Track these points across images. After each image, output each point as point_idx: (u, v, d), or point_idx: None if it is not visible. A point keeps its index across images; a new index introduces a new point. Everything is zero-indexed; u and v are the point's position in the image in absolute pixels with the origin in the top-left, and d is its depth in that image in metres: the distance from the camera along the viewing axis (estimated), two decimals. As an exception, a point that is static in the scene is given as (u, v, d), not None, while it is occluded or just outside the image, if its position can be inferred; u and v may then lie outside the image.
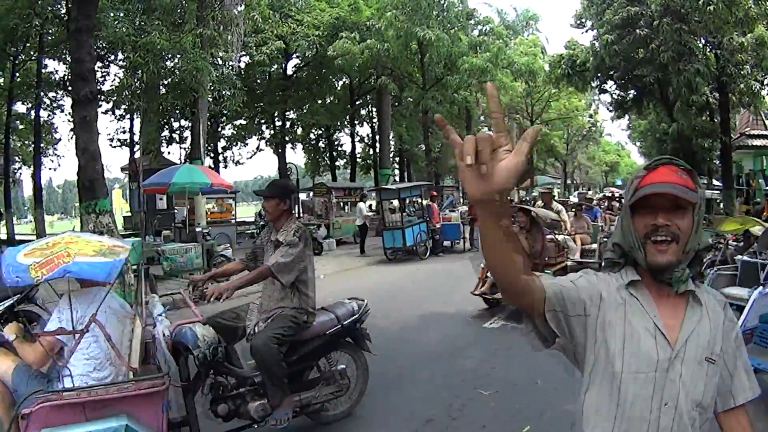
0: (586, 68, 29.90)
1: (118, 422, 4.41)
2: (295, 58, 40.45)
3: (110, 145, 39.41)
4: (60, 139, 40.38)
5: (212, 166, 40.88)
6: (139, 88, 25.74)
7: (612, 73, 30.01)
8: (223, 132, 45.16)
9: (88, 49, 13.50)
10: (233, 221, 29.88)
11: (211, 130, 37.57)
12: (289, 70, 41.80)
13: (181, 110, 33.68)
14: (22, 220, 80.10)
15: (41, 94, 31.78)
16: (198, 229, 19.65)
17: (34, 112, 32.69)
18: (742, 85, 26.13)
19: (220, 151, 45.24)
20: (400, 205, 24.87)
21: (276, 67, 39.80)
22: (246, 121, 44.11)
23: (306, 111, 42.06)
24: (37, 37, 28.14)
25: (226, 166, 46.30)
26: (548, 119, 57.12)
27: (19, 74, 30.97)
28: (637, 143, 65.80)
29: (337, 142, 50.77)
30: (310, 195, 38.10)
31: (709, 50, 26.76)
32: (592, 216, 22.17)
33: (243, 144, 47.19)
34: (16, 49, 28.73)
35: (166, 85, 28.35)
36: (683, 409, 2.12)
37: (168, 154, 38.44)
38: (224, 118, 41.38)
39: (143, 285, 8.03)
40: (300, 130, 47.20)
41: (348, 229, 29.82)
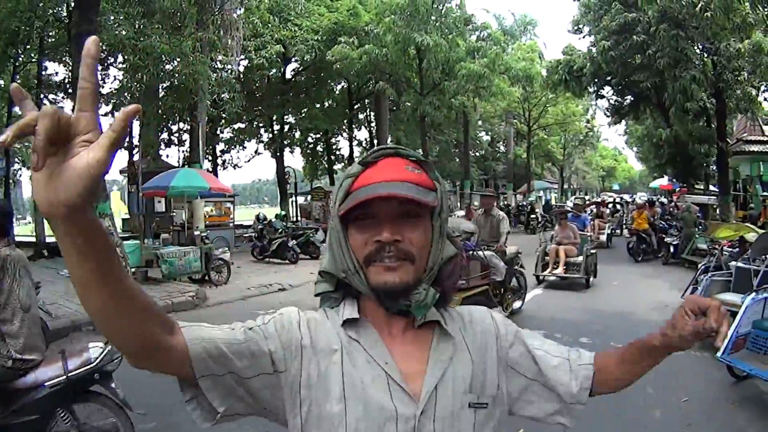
0: (583, 74, 29.96)
1: None
2: (294, 62, 40.44)
3: (110, 148, 39.41)
4: (60, 141, 40.48)
5: (210, 169, 40.88)
6: (139, 91, 25.80)
7: (609, 78, 30.13)
8: (222, 135, 45.13)
9: (89, 53, 13.57)
10: (231, 225, 29.95)
11: (210, 134, 37.56)
12: (288, 74, 41.85)
13: (180, 113, 33.73)
14: (22, 221, 79.94)
15: (42, 96, 31.87)
16: (196, 233, 19.69)
17: (34, 114, 32.77)
18: (738, 92, 26.14)
19: (218, 154, 45.23)
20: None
21: (275, 71, 39.80)
22: (245, 125, 44.18)
23: (304, 115, 42.02)
24: (38, 40, 28.23)
25: (224, 169, 46.30)
26: (545, 124, 57.22)
27: (19, 76, 31.05)
28: (634, 148, 65.89)
29: (335, 146, 50.69)
30: (308, 199, 38.18)
31: (706, 56, 26.79)
32: (580, 224, 20.87)
33: (241, 147, 47.07)
34: (17, 51, 28.80)
35: (166, 89, 28.44)
36: None
37: (167, 157, 38.41)
38: (223, 122, 41.33)
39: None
40: (298, 134, 47.24)
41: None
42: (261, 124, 44.71)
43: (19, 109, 1.14)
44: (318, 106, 42.78)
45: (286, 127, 44.75)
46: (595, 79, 30.50)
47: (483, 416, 1.66)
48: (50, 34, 28.38)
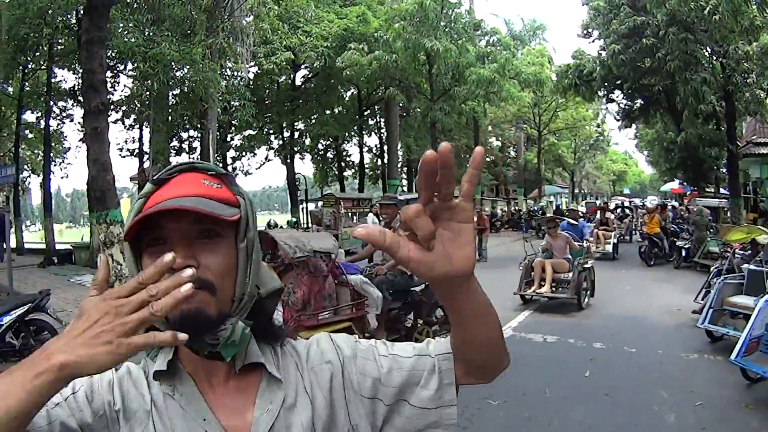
0: (593, 78, 29.97)
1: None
2: (303, 69, 40.55)
3: (119, 155, 39.56)
4: (69, 149, 40.65)
5: (221, 176, 40.91)
6: (149, 98, 25.89)
7: (619, 82, 30.07)
8: (232, 142, 45.18)
9: (99, 61, 13.69)
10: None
11: (220, 140, 37.62)
12: (298, 81, 41.97)
13: (190, 120, 33.82)
14: (31, 227, 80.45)
15: (51, 104, 31.99)
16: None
17: (43, 121, 32.92)
18: (748, 94, 26.14)
19: (229, 161, 45.24)
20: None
21: (285, 78, 39.90)
22: (255, 132, 44.17)
23: (314, 121, 42.09)
24: (47, 47, 28.35)
25: (235, 176, 46.18)
26: (556, 129, 57.14)
27: (28, 83, 31.20)
28: (645, 152, 65.62)
29: (345, 153, 50.71)
30: (319, 206, 38.20)
31: (715, 59, 26.81)
32: (577, 233, 17.88)
33: (252, 154, 47.16)
34: (26, 59, 28.93)
35: (176, 96, 28.51)
36: None
37: (177, 163, 38.57)
38: (233, 129, 41.43)
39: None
40: (308, 141, 47.15)
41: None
42: (271, 131, 44.72)
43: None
44: (328, 112, 42.83)
45: (297, 134, 44.78)
46: (605, 83, 30.48)
47: None
48: (60, 42, 28.42)
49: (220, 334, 1.32)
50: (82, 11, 19.73)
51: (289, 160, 42.64)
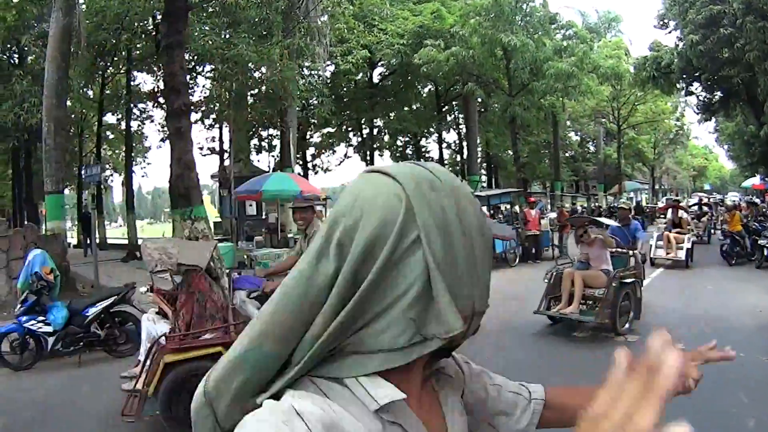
0: (671, 70, 29.65)
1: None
2: (380, 66, 40.82)
3: (200, 154, 40.32)
4: (150, 148, 41.73)
5: (302, 173, 41.41)
6: (228, 99, 26.33)
7: (698, 74, 29.63)
8: (312, 140, 45.74)
9: (180, 64, 14.01)
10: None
11: (300, 138, 38.03)
12: (375, 78, 42.29)
13: (269, 119, 34.27)
14: (113, 224, 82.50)
15: (131, 106, 32.81)
16: (290, 235, 20.06)
17: (124, 123, 33.82)
18: (831, 84, 25.58)
19: (309, 158, 45.71)
20: (490, 211, 24.81)
21: (362, 76, 40.13)
22: (334, 129, 44.52)
23: (393, 118, 42.35)
24: (126, 52, 29.05)
25: (315, 173, 46.75)
26: (635, 123, 56.40)
27: (108, 87, 32.05)
28: (725, 146, 64.51)
29: (424, 149, 50.77)
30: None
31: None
32: (629, 236, 13.55)
33: (331, 151, 47.63)
34: (105, 64, 29.70)
35: (255, 95, 28.92)
36: None
37: (257, 162, 39.06)
38: (312, 126, 41.80)
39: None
40: (387, 137, 47.45)
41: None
42: (350, 128, 45.17)
43: None
44: (406, 109, 42.92)
45: (375, 131, 45.15)
46: (684, 75, 30.10)
47: None
48: (138, 46, 29.15)
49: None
50: (160, 17, 20.24)
51: (368, 157, 42.94)
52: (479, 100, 38.49)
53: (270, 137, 39.80)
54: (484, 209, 24.60)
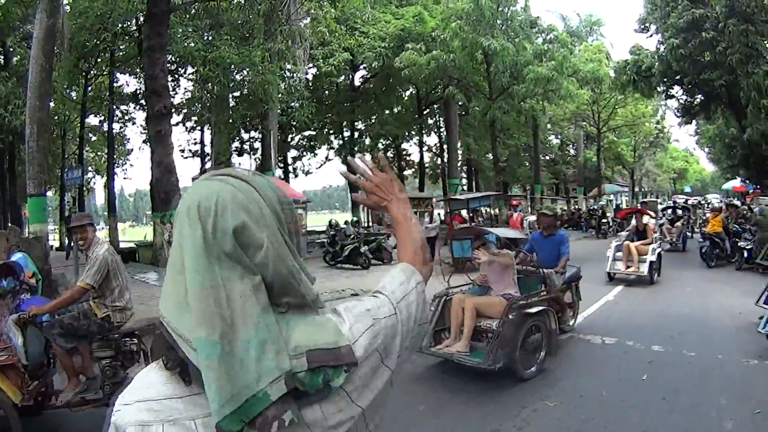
0: (651, 73, 29.71)
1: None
2: (362, 70, 40.82)
3: (181, 156, 40.23)
4: (132, 151, 41.51)
5: (282, 176, 41.34)
6: (209, 101, 26.22)
7: (678, 77, 29.71)
8: (293, 142, 45.64)
9: (161, 66, 13.93)
10: (304, 230, 30.14)
11: (281, 141, 37.96)
12: (357, 81, 42.30)
13: (251, 122, 34.19)
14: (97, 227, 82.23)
15: (113, 108, 32.64)
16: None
17: (106, 125, 33.67)
18: (814, 88, 25.64)
19: (290, 161, 45.63)
20: (470, 214, 24.79)
21: (343, 79, 40.17)
22: (315, 132, 44.42)
23: (374, 121, 42.42)
24: (108, 53, 28.90)
25: (296, 176, 46.71)
26: (615, 126, 56.55)
27: (91, 89, 31.85)
28: (706, 149, 64.83)
29: (405, 152, 51.03)
30: (380, 205, 38.20)
31: (777, 52, 26.43)
32: (550, 253, 11.07)
33: (313, 154, 47.64)
34: (89, 65, 29.56)
35: (236, 98, 28.82)
36: None
37: (239, 165, 38.90)
38: (293, 129, 41.72)
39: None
40: (368, 140, 47.37)
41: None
42: (331, 131, 45.20)
43: None
44: (387, 112, 43.10)
45: (356, 134, 45.06)
46: (665, 79, 30.14)
47: None
48: (121, 48, 29.02)
49: None
50: (143, 19, 20.12)
51: (349, 160, 42.69)
52: (460, 104, 38.68)
53: (251, 140, 39.79)
54: (464, 213, 24.70)
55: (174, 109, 34.32)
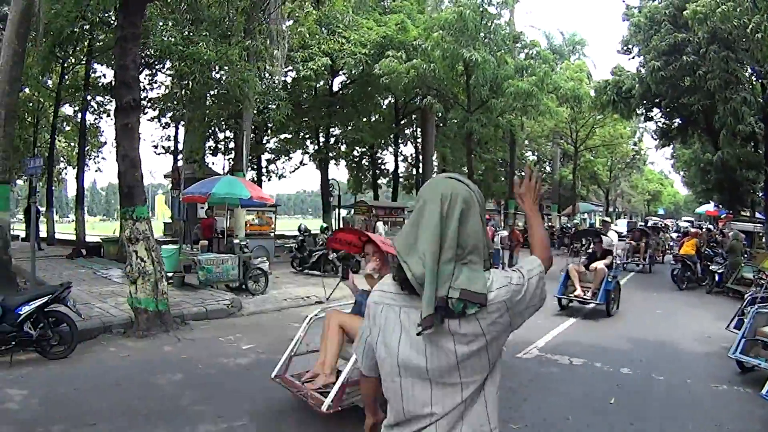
0: (631, 95, 29.61)
1: None
2: (341, 75, 40.48)
3: (155, 152, 39.90)
4: (105, 143, 40.95)
5: (255, 178, 41.06)
6: (185, 97, 25.93)
7: (658, 100, 29.64)
8: (268, 145, 45.36)
9: (132, 57, 13.53)
10: (273, 234, 29.86)
11: (255, 142, 37.70)
12: (335, 87, 41.93)
13: (226, 121, 33.92)
14: (65, 219, 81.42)
15: (88, 98, 32.27)
16: (236, 241, 19.66)
17: (80, 115, 33.24)
18: (787, 116, 25.78)
19: (264, 164, 45.37)
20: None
21: (322, 83, 39.87)
22: (291, 135, 44.28)
23: (350, 128, 42.20)
24: (86, 42, 28.56)
25: (269, 179, 46.45)
26: (592, 145, 56.74)
27: (67, 77, 31.45)
28: (681, 173, 65.15)
29: (380, 161, 50.95)
30: (351, 212, 38.06)
31: (756, 79, 26.51)
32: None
33: (287, 158, 47.28)
34: (65, 53, 29.18)
35: (213, 96, 28.53)
36: None
37: (213, 164, 38.56)
38: (269, 131, 41.49)
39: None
40: (344, 147, 47.20)
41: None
42: (307, 135, 44.78)
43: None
44: (364, 119, 42.95)
45: (332, 139, 44.71)
46: (644, 101, 30.08)
47: None
48: (99, 38, 28.64)
49: None
50: (118, 8, 19.83)
51: (323, 165, 42.57)
52: (437, 115, 38.53)
53: (227, 139, 39.50)
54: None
55: (150, 104, 34.09)
